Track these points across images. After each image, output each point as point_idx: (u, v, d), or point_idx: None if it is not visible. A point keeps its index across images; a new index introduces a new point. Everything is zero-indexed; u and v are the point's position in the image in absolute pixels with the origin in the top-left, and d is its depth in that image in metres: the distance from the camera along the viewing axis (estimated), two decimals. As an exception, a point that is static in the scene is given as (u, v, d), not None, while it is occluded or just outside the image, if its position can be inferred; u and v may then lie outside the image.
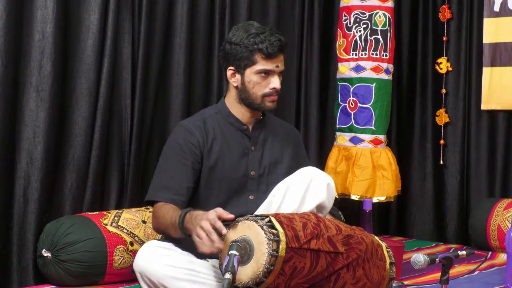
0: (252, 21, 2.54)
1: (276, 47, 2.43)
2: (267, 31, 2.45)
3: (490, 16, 3.99)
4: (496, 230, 3.66)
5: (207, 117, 2.53)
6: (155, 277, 2.20)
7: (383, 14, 3.72)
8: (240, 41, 2.44)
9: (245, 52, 2.43)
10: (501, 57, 3.96)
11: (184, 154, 2.44)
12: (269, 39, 2.42)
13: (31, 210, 2.86)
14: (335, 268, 2.15)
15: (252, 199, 2.50)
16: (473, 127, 4.13)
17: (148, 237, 2.92)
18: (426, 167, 4.31)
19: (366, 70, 3.72)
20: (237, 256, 1.96)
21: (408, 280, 3.04)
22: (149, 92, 3.29)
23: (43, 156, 2.87)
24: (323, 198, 2.44)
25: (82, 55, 3.03)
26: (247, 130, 2.55)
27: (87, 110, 3.03)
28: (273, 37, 2.44)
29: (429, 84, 4.32)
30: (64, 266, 2.75)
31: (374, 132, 3.73)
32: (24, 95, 2.85)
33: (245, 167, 2.51)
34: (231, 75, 2.50)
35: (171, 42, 3.37)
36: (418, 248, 3.88)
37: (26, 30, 2.85)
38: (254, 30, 2.45)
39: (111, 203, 3.16)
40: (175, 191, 2.39)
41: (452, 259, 2.30)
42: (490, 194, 4.06)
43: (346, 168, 3.73)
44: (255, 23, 2.50)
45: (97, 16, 3.03)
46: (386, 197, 3.71)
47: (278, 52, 2.45)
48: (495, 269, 3.30)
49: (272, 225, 2.07)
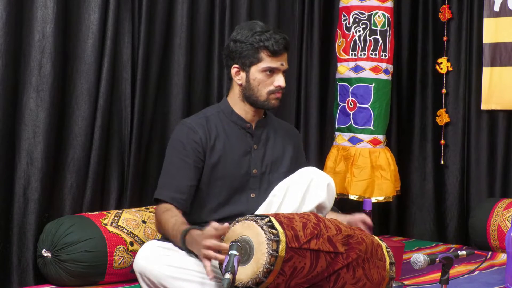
0: (256, 21, 2.57)
1: (282, 44, 2.47)
2: (272, 30, 2.49)
3: (490, 16, 3.99)
4: (496, 230, 3.66)
5: (209, 116, 2.55)
6: (155, 277, 2.21)
7: (382, 14, 3.72)
8: (245, 39, 2.46)
9: (251, 50, 2.45)
10: (501, 57, 3.96)
11: (187, 153, 2.44)
12: (274, 37, 2.46)
13: (31, 210, 2.86)
14: (335, 268, 2.15)
15: (253, 197, 2.51)
16: (473, 127, 4.13)
17: (148, 237, 2.92)
18: (426, 167, 4.31)
19: (365, 70, 3.72)
20: (237, 256, 1.96)
21: (408, 280, 3.04)
22: (149, 92, 3.29)
23: (43, 156, 2.87)
24: (323, 198, 2.44)
25: (82, 55, 3.03)
26: (250, 128, 2.55)
27: (87, 110, 3.03)
28: (277, 35, 2.47)
29: (429, 84, 4.32)
30: (64, 266, 2.75)
31: (373, 132, 3.73)
32: (24, 95, 2.85)
33: (247, 165, 2.52)
34: (236, 73, 2.51)
35: (171, 42, 3.37)
36: (418, 248, 3.88)
37: (26, 30, 2.85)
38: (259, 28, 2.48)
39: (111, 203, 3.16)
40: (177, 189, 2.40)
41: (452, 259, 2.30)
42: (490, 194, 4.06)
43: (345, 168, 3.73)
44: (259, 22, 2.54)
45: (97, 16, 3.03)
46: (384, 197, 3.71)
47: (283, 50, 2.48)
48: (495, 269, 3.30)
49: (272, 225, 2.07)
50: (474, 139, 4.13)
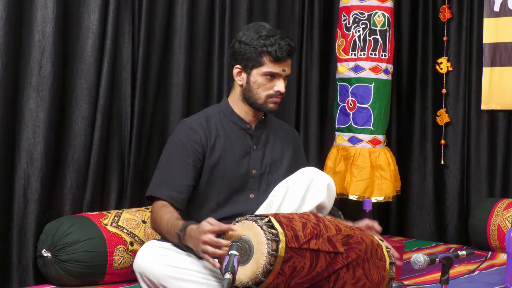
0: (264, 23, 2.55)
1: (285, 51, 2.45)
2: (278, 34, 2.47)
3: (490, 16, 3.99)
4: (496, 230, 3.66)
5: (210, 115, 2.54)
6: (155, 277, 2.20)
7: (382, 14, 3.72)
8: (250, 42, 2.45)
9: (254, 53, 2.44)
10: (501, 57, 3.96)
11: (186, 152, 2.44)
12: (279, 43, 2.44)
13: (31, 210, 2.86)
14: (335, 268, 2.15)
15: (252, 197, 2.51)
16: (473, 127, 4.13)
17: (148, 237, 2.92)
18: (426, 167, 4.31)
19: (365, 70, 3.72)
20: (237, 256, 1.96)
21: (408, 280, 3.04)
22: (149, 92, 3.30)
23: (43, 156, 2.87)
24: (323, 198, 2.44)
25: (82, 55, 3.03)
26: (249, 129, 2.55)
27: (87, 110, 3.03)
28: (283, 41, 2.45)
29: (429, 84, 4.32)
30: (64, 266, 2.75)
31: (373, 132, 3.73)
32: (24, 95, 2.86)
33: (247, 166, 2.52)
34: (237, 73, 2.51)
35: (171, 42, 3.37)
36: (418, 248, 3.88)
37: (26, 30, 2.85)
38: (265, 32, 2.46)
39: (111, 203, 3.16)
40: (175, 188, 2.40)
41: (452, 259, 2.30)
42: (490, 194, 4.06)
43: (345, 168, 3.73)
44: (267, 25, 2.51)
45: (97, 16, 3.03)
46: (384, 197, 3.71)
47: (286, 57, 2.46)
48: (495, 269, 3.30)
49: (271, 225, 2.07)
50: (474, 139, 4.13)
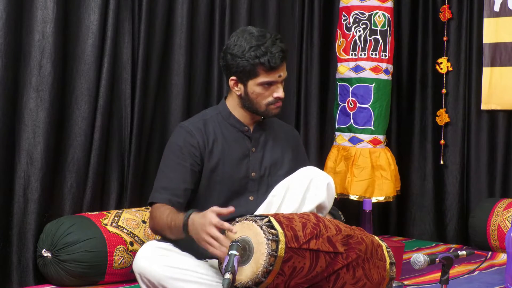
0: (250, 28, 2.46)
1: (278, 59, 2.39)
2: (268, 40, 2.39)
3: (490, 16, 3.99)
4: (496, 230, 3.66)
5: (207, 119, 2.53)
6: (155, 278, 2.20)
7: (382, 14, 3.72)
8: (242, 54, 2.39)
9: (247, 66, 2.39)
10: (501, 57, 3.96)
11: (183, 156, 2.44)
12: (271, 51, 2.38)
13: (31, 210, 2.86)
14: (335, 268, 2.15)
15: (252, 200, 2.51)
16: (473, 127, 4.13)
17: (148, 237, 2.92)
18: (426, 167, 4.31)
19: (365, 70, 3.72)
20: (237, 256, 1.96)
21: (408, 280, 3.04)
22: (149, 92, 3.30)
23: (43, 156, 2.87)
24: (323, 198, 2.44)
25: (82, 55, 3.03)
26: (248, 131, 2.54)
27: (87, 110, 3.03)
28: (274, 47, 2.39)
29: (429, 84, 4.32)
30: (64, 266, 2.75)
31: (373, 132, 3.73)
32: (24, 95, 2.86)
33: (246, 169, 2.51)
34: (234, 84, 2.47)
35: (171, 42, 3.37)
36: (418, 248, 3.88)
37: (26, 30, 2.85)
38: (255, 42, 2.38)
39: (111, 203, 3.16)
40: (172, 193, 2.40)
41: (452, 259, 2.30)
42: (490, 194, 4.06)
43: (345, 168, 3.73)
44: (254, 31, 2.43)
45: (97, 16, 3.03)
46: (385, 197, 3.71)
47: (280, 64, 2.41)
48: (495, 269, 3.30)
49: (271, 225, 2.07)
50: (474, 139, 4.13)
